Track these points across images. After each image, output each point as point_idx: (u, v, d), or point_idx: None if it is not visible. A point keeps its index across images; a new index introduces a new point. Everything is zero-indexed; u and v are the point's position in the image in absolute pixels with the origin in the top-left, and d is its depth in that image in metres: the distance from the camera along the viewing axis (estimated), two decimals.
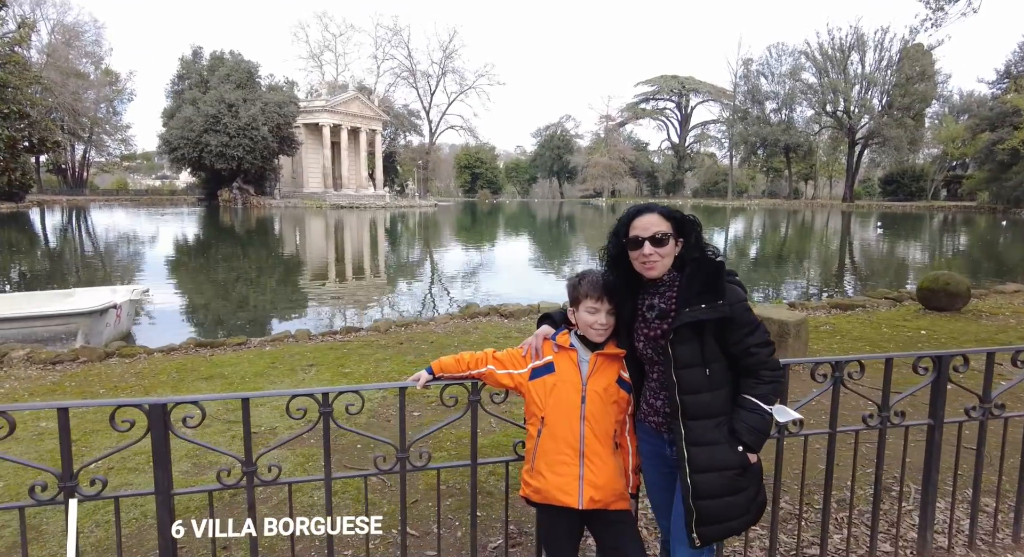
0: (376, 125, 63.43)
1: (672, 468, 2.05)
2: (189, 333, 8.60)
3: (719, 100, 77.05)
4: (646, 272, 1.98)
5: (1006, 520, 2.94)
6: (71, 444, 1.99)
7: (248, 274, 16.04)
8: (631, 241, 1.98)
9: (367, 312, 10.98)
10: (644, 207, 2.03)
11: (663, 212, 1.97)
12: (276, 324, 9.77)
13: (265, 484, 2.16)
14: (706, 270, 1.90)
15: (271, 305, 11.68)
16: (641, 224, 1.96)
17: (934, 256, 22.61)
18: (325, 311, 11.03)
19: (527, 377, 2.16)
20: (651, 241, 1.93)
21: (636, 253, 1.97)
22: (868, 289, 11.13)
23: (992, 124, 49.15)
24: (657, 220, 1.95)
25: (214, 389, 5.12)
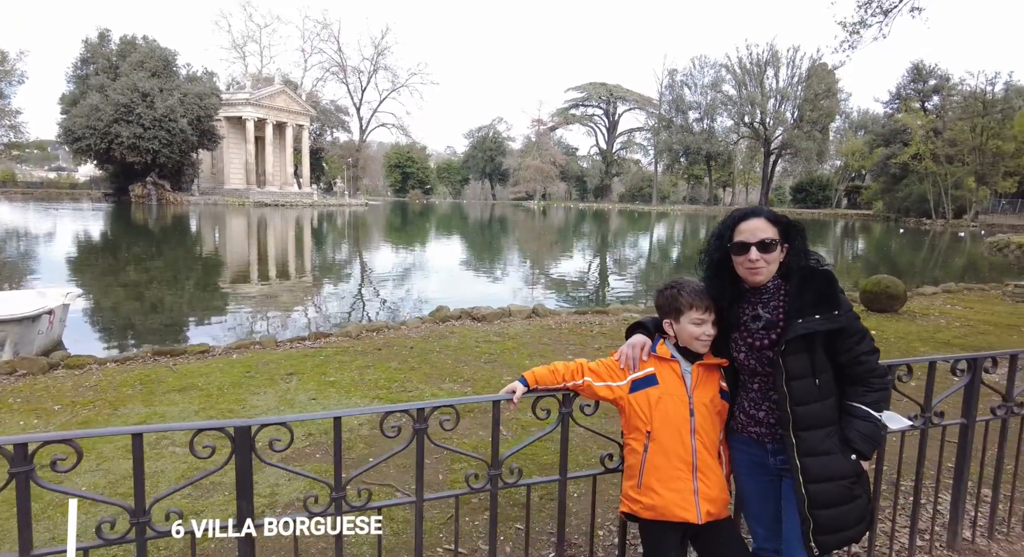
0: (303, 120, 61.13)
1: (772, 477, 2.05)
2: (105, 340, 7.98)
3: (645, 108, 79.90)
4: (751, 277, 1.96)
5: (1016, 510, 3.17)
6: (144, 475, 1.76)
7: (171, 275, 14.95)
8: (736, 246, 1.95)
9: (311, 316, 10.52)
10: (750, 211, 2.00)
11: (769, 216, 1.96)
12: (210, 331, 9.11)
13: (354, 510, 2.00)
14: (819, 280, 1.90)
15: (195, 309, 10.96)
16: (748, 228, 1.94)
17: (858, 261, 24.45)
18: (253, 315, 10.43)
19: (627, 390, 2.09)
20: (758, 246, 1.91)
21: (742, 258, 1.95)
22: None
23: (886, 140, 53.77)
24: (764, 225, 1.93)
25: (192, 401, 4.72)
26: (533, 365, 6.03)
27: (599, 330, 7.61)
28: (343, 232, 33.69)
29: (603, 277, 18.25)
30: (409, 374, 5.62)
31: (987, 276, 17.65)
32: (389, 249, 24.83)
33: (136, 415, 4.42)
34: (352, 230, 35.09)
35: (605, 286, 16.07)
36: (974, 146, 44.60)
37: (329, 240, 28.90)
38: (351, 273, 17.02)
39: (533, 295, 13.27)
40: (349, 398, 4.92)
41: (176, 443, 3.88)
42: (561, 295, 13.77)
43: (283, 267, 17.97)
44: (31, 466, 1.66)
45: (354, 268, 18.32)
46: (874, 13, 19.23)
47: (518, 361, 6.13)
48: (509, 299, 11.80)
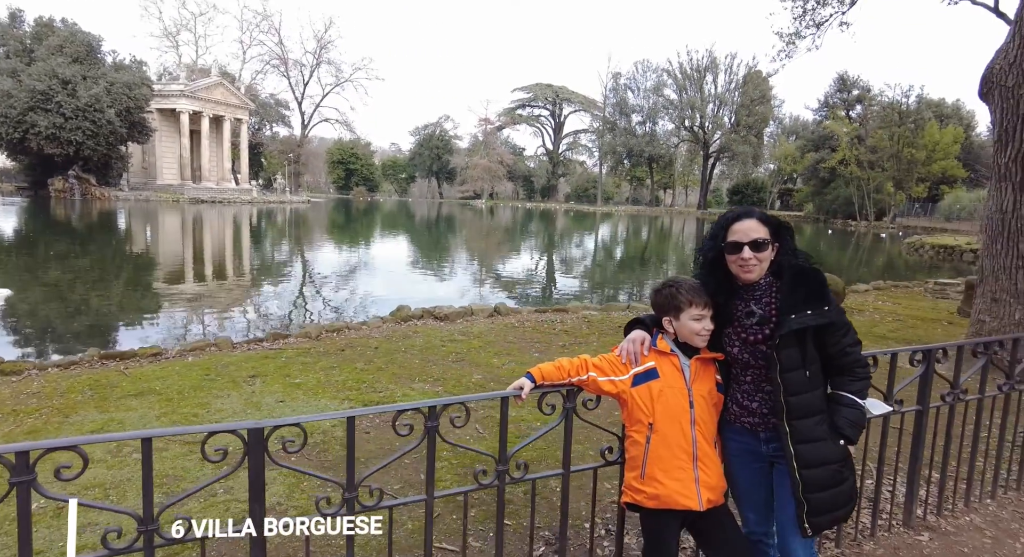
0: (242, 114, 58.81)
1: (764, 464, 2.17)
2: (25, 345, 7.53)
3: (590, 111, 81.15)
4: (744, 275, 2.08)
5: (958, 489, 3.45)
6: (152, 481, 1.70)
7: (98, 275, 14.13)
8: (730, 245, 2.07)
9: (256, 317, 10.19)
10: (742, 212, 2.12)
11: (761, 217, 2.08)
12: (145, 333, 8.62)
13: (367, 510, 1.99)
14: (810, 277, 2.03)
15: (129, 310, 10.40)
16: (741, 229, 2.06)
17: None
18: (195, 317, 10.00)
19: (629, 383, 2.16)
20: (751, 246, 2.03)
21: (735, 257, 2.06)
22: None
23: (816, 146, 56.65)
24: (756, 225, 2.05)
25: (151, 406, 4.51)
26: (501, 364, 6.11)
27: (561, 328, 7.73)
28: (285, 230, 32.64)
29: (550, 276, 18.48)
30: (377, 374, 5.55)
31: (906, 274, 18.97)
32: (336, 248, 24.24)
33: (91, 422, 4.18)
34: (294, 228, 34.05)
35: (552, 284, 16.27)
36: (892, 153, 47.67)
37: (271, 238, 27.93)
38: (296, 273, 16.51)
39: (481, 293, 13.31)
40: (318, 400, 4.82)
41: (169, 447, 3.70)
42: (511, 293, 13.87)
43: (224, 266, 17.25)
44: (33, 475, 1.57)
45: (298, 267, 17.77)
46: (808, 25, 20.27)
47: (486, 360, 6.15)
48: (457, 298, 11.80)
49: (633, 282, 17.86)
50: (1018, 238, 5.83)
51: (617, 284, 17.01)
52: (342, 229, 34.68)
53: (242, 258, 19.73)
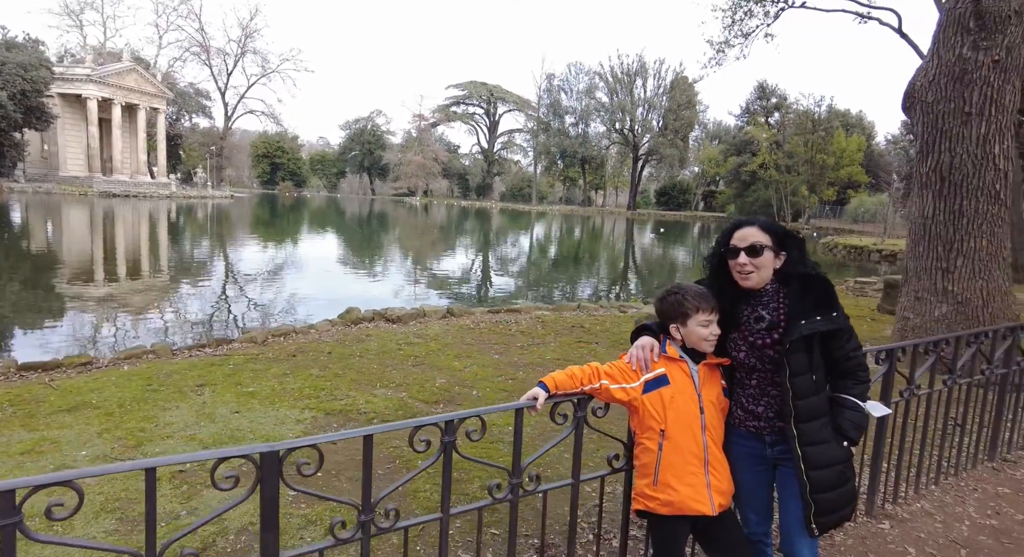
0: (159, 103, 55.25)
1: (767, 467, 2.23)
2: None
3: (524, 111, 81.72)
4: (741, 281, 2.13)
5: (909, 479, 3.70)
6: (155, 514, 1.54)
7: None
8: (729, 251, 2.13)
9: (183, 321, 9.62)
10: (745, 220, 2.18)
11: (763, 225, 2.13)
12: (48, 338, 8.01)
13: (382, 532, 1.89)
14: (819, 285, 2.11)
15: (39, 315, 9.59)
16: (740, 235, 2.11)
17: None
18: (122, 323, 9.36)
19: (640, 390, 2.16)
20: (747, 251, 2.08)
21: (733, 262, 2.12)
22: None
23: (738, 150, 59.68)
24: (755, 232, 2.10)
25: (89, 422, 4.12)
26: (463, 367, 6.04)
27: (517, 329, 7.72)
28: (208, 227, 30.90)
29: (494, 275, 18.47)
30: (335, 381, 5.34)
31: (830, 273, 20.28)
32: (266, 246, 23.18)
33: (18, 444, 3.78)
34: (218, 225, 32.29)
35: (497, 284, 16.28)
36: (806, 159, 50.99)
37: (193, 236, 26.33)
38: (226, 273, 15.66)
39: (422, 293, 13.12)
40: (276, 409, 4.58)
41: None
42: (456, 293, 13.75)
43: (145, 266, 16.10)
44: (20, 516, 1.38)
45: (228, 267, 16.86)
46: (736, 35, 21.31)
47: (446, 363, 6.05)
48: (395, 298, 11.57)
49: (578, 280, 18.14)
50: (938, 242, 6.32)
51: (560, 282, 17.21)
52: (271, 226, 33.24)
53: (164, 257, 18.48)
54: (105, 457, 3.63)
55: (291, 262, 18.38)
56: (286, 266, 17.22)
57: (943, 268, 6.26)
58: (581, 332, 7.67)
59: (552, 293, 14.66)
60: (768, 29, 20.75)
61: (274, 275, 15.07)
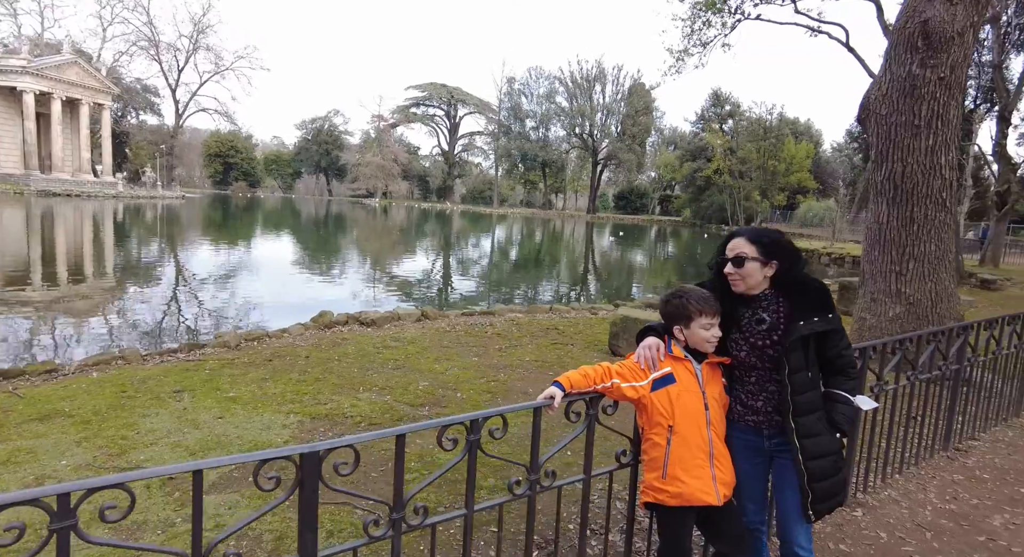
0: (104, 99, 52.90)
1: (765, 459, 2.38)
2: None
3: (485, 113, 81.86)
4: (732, 286, 2.30)
5: (875, 468, 3.96)
6: (202, 516, 1.56)
7: None
8: (720, 260, 2.30)
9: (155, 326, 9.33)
10: (735, 231, 2.35)
11: (750, 236, 2.28)
12: None
13: (412, 529, 1.94)
14: (815, 289, 2.27)
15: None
16: (730, 245, 2.28)
17: (685, 260, 27.58)
18: (77, 329, 9.02)
19: (649, 388, 2.28)
20: (732, 262, 2.25)
21: (725, 271, 2.29)
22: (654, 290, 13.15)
23: (693, 155, 61.28)
24: (742, 243, 2.25)
25: (66, 431, 3.99)
26: (442, 369, 6.09)
27: (493, 331, 7.79)
28: (160, 228, 29.76)
29: (449, 277, 18.49)
30: (316, 385, 5.30)
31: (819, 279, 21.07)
32: (227, 248, 22.53)
33: None
34: (170, 226, 31.16)
35: (450, 287, 16.31)
36: (759, 165, 52.83)
37: (145, 238, 25.31)
38: (178, 276, 15.13)
39: (377, 296, 13.02)
40: (260, 414, 4.53)
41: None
42: (413, 295, 13.72)
43: (93, 269, 15.43)
44: (75, 519, 1.39)
45: (177, 270, 16.29)
46: (695, 44, 21.96)
47: (427, 366, 6.08)
48: (353, 302, 11.41)
49: (545, 283, 18.32)
50: (892, 246, 6.71)
51: (528, 285, 17.35)
52: (227, 228, 32.24)
53: (114, 261, 17.72)
54: (88, 466, 3.54)
55: (250, 265, 17.92)
56: (245, 270, 16.77)
57: (896, 271, 6.65)
58: (556, 334, 7.81)
59: (521, 295, 14.79)
60: (726, 39, 21.51)
61: (232, 279, 14.65)
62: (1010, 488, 3.98)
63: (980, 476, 4.15)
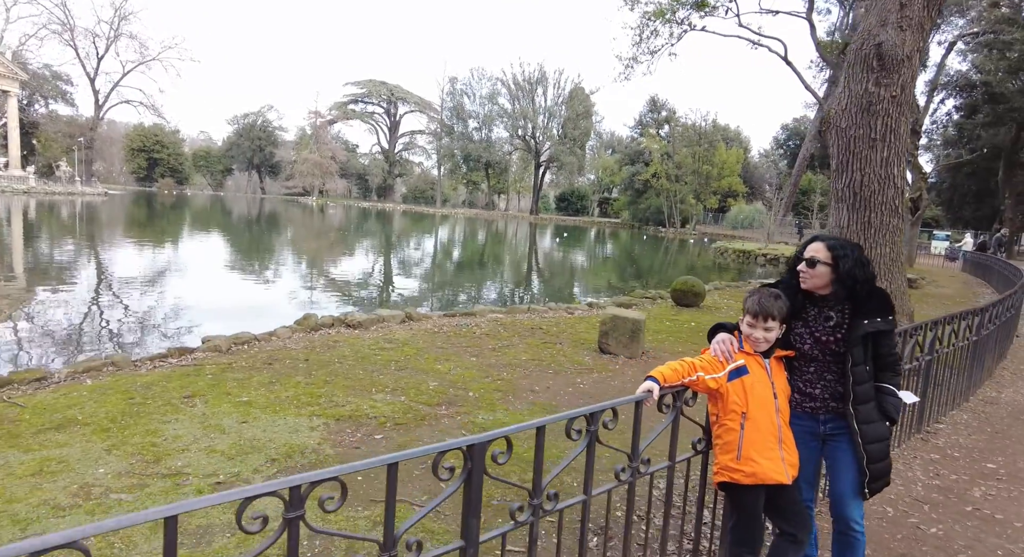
0: (9, 85, 48.83)
1: (819, 443, 2.66)
2: None
3: (426, 112, 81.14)
4: (801, 283, 2.59)
5: None
6: (395, 505, 1.67)
7: None
8: (798, 259, 2.60)
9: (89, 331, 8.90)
10: (817, 236, 2.66)
11: (827, 243, 2.58)
12: None
13: (546, 514, 2.09)
14: (879, 293, 2.57)
15: None
16: (810, 247, 2.59)
17: (632, 262, 28.41)
18: None
19: (726, 379, 2.54)
20: (806, 262, 2.56)
21: (799, 268, 2.59)
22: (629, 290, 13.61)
23: (632, 159, 63.16)
24: (820, 247, 2.55)
25: (90, 439, 3.84)
26: (445, 370, 6.22)
27: (481, 332, 7.92)
28: (82, 228, 27.81)
29: (394, 277, 18.42)
30: (327, 388, 5.28)
31: (720, 274, 22.22)
32: (162, 249, 21.39)
33: (20, 464, 3.47)
34: (95, 225, 29.19)
35: (389, 286, 16.28)
36: (693, 169, 55.10)
37: (74, 237, 23.61)
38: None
39: (311, 298, 12.86)
40: (283, 417, 4.50)
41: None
42: (367, 297, 13.63)
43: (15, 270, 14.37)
44: (303, 510, 1.47)
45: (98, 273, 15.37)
46: (643, 52, 22.80)
47: (429, 366, 6.15)
48: (285, 310, 11.02)
49: (500, 283, 18.51)
50: None
51: (484, 285, 17.50)
52: (161, 228, 30.50)
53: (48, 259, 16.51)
54: (129, 474, 3.44)
55: (193, 267, 17.15)
56: (188, 271, 16.04)
57: None
58: (542, 334, 8.03)
59: (487, 296, 14.94)
60: (672, 48, 22.47)
61: (174, 282, 13.99)
62: (979, 464, 4.52)
63: (951, 455, 4.68)
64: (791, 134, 59.66)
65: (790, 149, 58.86)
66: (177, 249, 21.79)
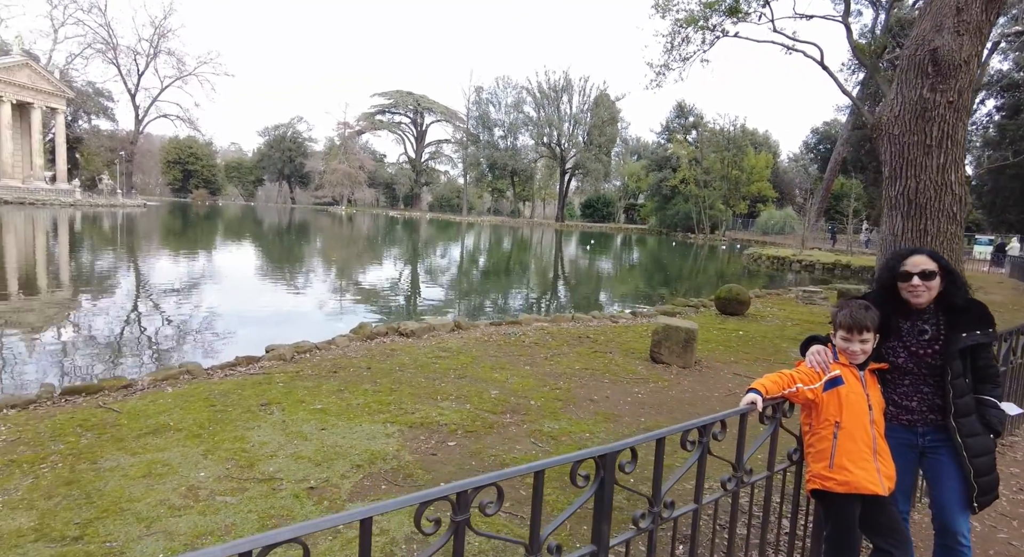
0: (57, 103, 50.83)
1: (916, 455, 2.64)
2: None
3: (452, 121, 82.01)
4: (914, 299, 2.57)
5: None
6: (541, 510, 1.77)
7: None
8: (903, 274, 2.58)
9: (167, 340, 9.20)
10: (915, 249, 2.63)
11: (931, 254, 2.57)
12: None
13: (664, 521, 2.17)
14: (976, 306, 2.57)
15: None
16: (912, 262, 2.56)
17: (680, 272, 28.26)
18: None
19: (821, 390, 2.58)
20: (920, 275, 2.54)
21: (905, 284, 2.58)
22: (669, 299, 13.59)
23: (659, 166, 62.81)
24: (926, 260, 2.54)
25: (184, 444, 4.03)
26: (503, 378, 6.31)
27: (529, 340, 8.01)
28: (130, 238, 28.76)
29: (430, 286, 18.60)
30: (394, 395, 5.43)
31: (756, 281, 21.96)
32: (212, 258, 22.00)
33: (131, 466, 3.67)
34: (133, 236, 30.10)
35: (426, 294, 16.44)
36: (722, 174, 54.60)
37: (123, 247, 24.47)
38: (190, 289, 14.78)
39: (355, 306, 13.07)
40: (359, 425, 4.65)
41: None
42: (390, 306, 13.80)
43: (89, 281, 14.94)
44: (468, 513, 1.58)
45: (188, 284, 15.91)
46: (675, 59, 22.74)
47: (487, 375, 6.26)
48: (322, 318, 11.30)
49: (541, 292, 18.59)
50: None
51: (530, 293, 17.60)
52: (196, 238, 31.35)
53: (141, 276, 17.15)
54: (227, 478, 3.62)
55: (233, 276, 17.59)
56: (227, 280, 16.45)
57: None
58: (590, 342, 8.09)
59: (519, 303, 15.05)
60: (704, 54, 22.38)
61: (213, 291, 14.38)
62: None
63: None
64: (822, 138, 58.67)
65: (821, 153, 57.87)
66: (219, 259, 22.37)
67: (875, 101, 33.66)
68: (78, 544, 2.88)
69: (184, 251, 23.72)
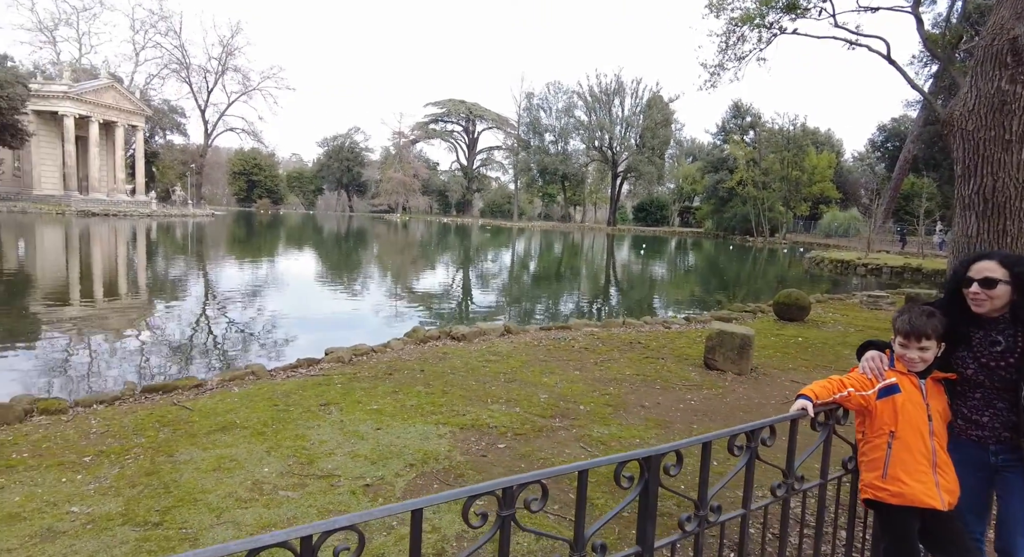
0: (137, 120, 54.49)
1: (989, 473, 2.46)
2: None
3: (503, 128, 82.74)
4: (973, 307, 2.44)
5: None
6: (585, 509, 1.81)
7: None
8: (965, 280, 2.46)
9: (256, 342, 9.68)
10: (984, 254, 2.49)
11: (1003, 260, 2.39)
12: None
13: (710, 526, 2.17)
14: None
15: None
16: (977, 267, 2.40)
17: (737, 277, 27.63)
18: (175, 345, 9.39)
19: (875, 397, 2.48)
20: (981, 282, 2.41)
21: (967, 290, 2.46)
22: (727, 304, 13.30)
23: (715, 167, 61.35)
24: (993, 266, 2.36)
25: (249, 441, 4.28)
26: (552, 383, 6.32)
27: (579, 345, 8.02)
28: (199, 246, 30.45)
29: (482, 290, 18.75)
30: (446, 397, 5.56)
31: (818, 286, 21.10)
32: (281, 265, 23.03)
33: (202, 460, 3.93)
34: (204, 245, 31.81)
35: (477, 298, 16.55)
36: (782, 175, 52.75)
37: (193, 255, 25.96)
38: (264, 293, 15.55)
39: (408, 311, 13.29)
40: (412, 425, 4.79)
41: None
42: (441, 310, 13.98)
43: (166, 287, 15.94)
44: (513, 509, 1.64)
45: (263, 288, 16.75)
46: (730, 59, 22.24)
47: (536, 379, 6.32)
48: (378, 322, 11.51)
49: (594, 295, 18.52)
50: None
51: (583, 297, 17.57)
52: (262, 245, 32.84)
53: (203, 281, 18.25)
54: (288, 473, 3.81)
55: (298, 281, 18.32)
56: (292, 286, 17.13)
57: None
58: (641, 348, 8.01)
59: (570, 308, 15.04)
60: (761, 53, 21.78)
61: (279, 296, 14.99)
62: None
63: None
64: (889, 135, 55.84)
65: (888, 151, 55.10)
66: (281, 265, 23.36)
67: (949, 95, 31.75)
68: (158, 529, 3.11)
69: (249, 258, 24.90)
